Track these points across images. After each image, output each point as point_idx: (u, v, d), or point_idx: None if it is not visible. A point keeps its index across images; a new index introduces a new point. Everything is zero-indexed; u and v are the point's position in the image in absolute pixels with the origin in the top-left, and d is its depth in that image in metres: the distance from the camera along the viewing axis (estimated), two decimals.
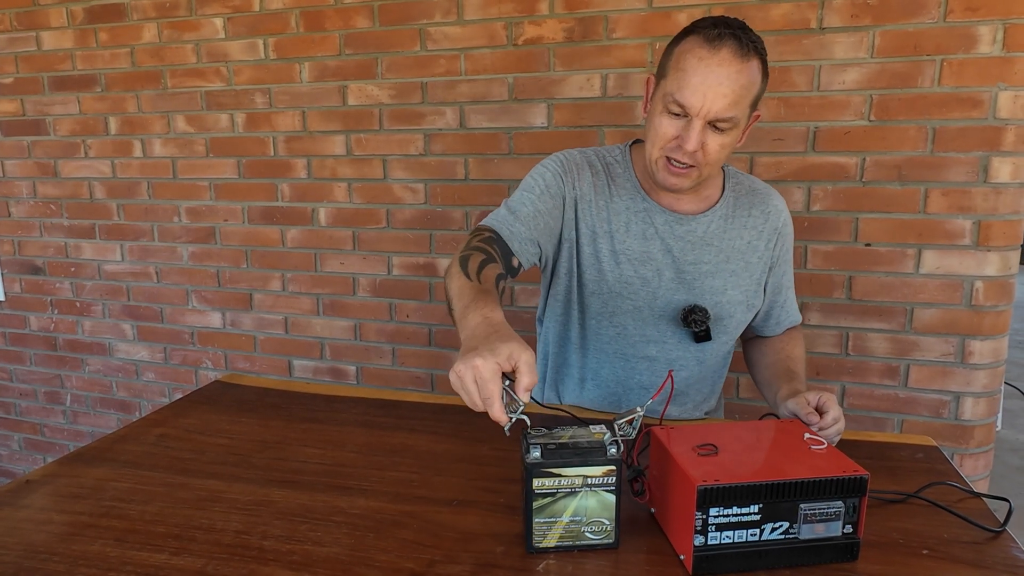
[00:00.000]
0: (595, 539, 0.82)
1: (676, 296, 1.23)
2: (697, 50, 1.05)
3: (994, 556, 0.80)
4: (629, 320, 1.25)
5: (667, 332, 1.25)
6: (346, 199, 2.15)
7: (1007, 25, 1.53)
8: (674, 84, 1.07)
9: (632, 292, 1.23)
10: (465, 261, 1.04)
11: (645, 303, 1.24)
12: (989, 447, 1.76)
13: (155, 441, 1.14)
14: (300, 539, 0.85)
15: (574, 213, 1.23)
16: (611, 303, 1.24)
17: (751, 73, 1.06)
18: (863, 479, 0.77)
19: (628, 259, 1.23)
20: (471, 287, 0.97)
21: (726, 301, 1.25)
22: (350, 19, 2.02)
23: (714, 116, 1.06)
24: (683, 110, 1.07)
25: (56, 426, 2.70)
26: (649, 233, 1.23)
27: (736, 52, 1.04)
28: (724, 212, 1.25)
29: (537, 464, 0.79)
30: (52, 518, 0.91)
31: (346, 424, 1.21)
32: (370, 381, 2.26)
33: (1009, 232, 1.64)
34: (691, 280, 1.23)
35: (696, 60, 1.05)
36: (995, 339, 1.69)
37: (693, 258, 1.23)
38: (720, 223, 1.24)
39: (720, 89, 1.04)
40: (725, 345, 1.31)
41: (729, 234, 1.24)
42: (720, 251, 1.24)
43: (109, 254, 2.46)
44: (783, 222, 1.29)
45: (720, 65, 1.04)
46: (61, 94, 2.37)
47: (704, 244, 1.23)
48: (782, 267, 1.31)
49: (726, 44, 1.04)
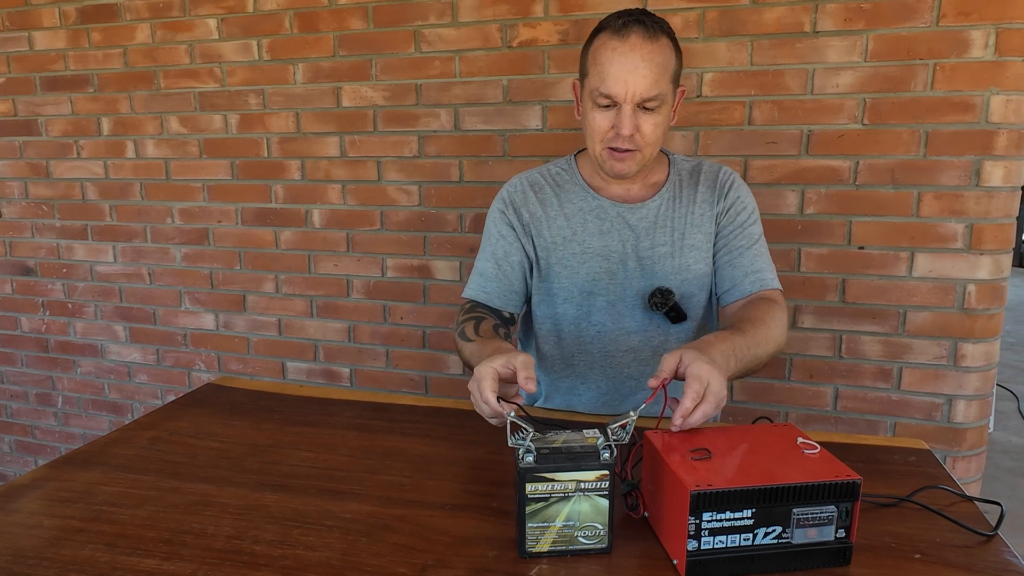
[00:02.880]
0: (588, 544, 0.81)
1: (643, 283, 1.26)
2: (609, 43, 1.12)
3: (986, 560, 0.81)
4: (606, 317, 1.28)
5: (644, 321, 1.28)
6: (340, 201, 2.14)
7: (999, 30, 1.54)
8: (596, 79, 1.14)
9: (602, 288, 1.27)
10: (463, 333, 1.20)
11: (617, 296, 1.27)
12: (981, 450, 1.77)
13: (146, 444, 1.14)
14: (292, 544, 0.85)
15: (530, 237, 1.29)
16: (585, 304, 1.28)
17: (663, 51, 1.13)
18: (856, 483, 0.77)
19: (592, 256, 1.27)
20: (476, 345, 1.14)
21: (692, 277, 1.26)
22: (344, 20, 2.01)
23: (640, 97, 1.12)
24: (611, 100, 1.13)
25: (47, 428, 2.69)
26: (605, 227, 1.27)
27: (644, 35, 1.11)
28: (672, 193, 1.28)
29: (530, 469, 0.79)
30: (41, 522, 0.91)
31: (339, 427, 1.20)
32: (364, 383, 2.25)
33: (1001, 236, 1.65)
34: (652, 264, 1.26)
35: (610, 52, 1.12)
36: (987, 342, 1.70)
37: (650, 243, 1.26)
38: (669, 203, 1.28)
39: (639, 72, 1.11)
40: (707, 320, 1.32)
41: (680, 211, 1.27)
42: (675, 230, 1.27)
43: (101, 255, 2.45)
44: (729, 183, 1.28)
45: (632, 50, 1.11)
46: (53, 94, 2.36)
47: (658, 227, 1.27)
48: (731, 224, 1.26)
49: (633, 31, 1.11)
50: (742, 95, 1.74)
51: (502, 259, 1.30)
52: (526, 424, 0.81)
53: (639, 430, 0.88)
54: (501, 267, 1.30)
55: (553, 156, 1.90)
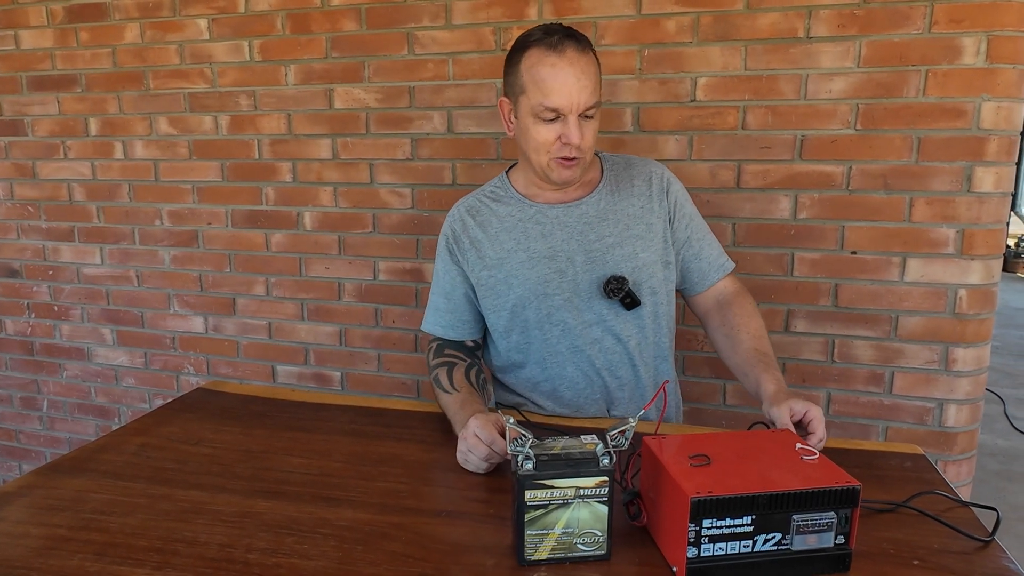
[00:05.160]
0: (587, 551, 0.81)
1: (594, 275, 1.29)
2: (546, 59, 1.17)
3: (984, 566, 0.81)
4: (566, 314, 1.30)
5: (602, 311, 1.30)
6: (332, 203, 2.13)
7: (990, 37, 1.55)
8: (538, 95, 1.18)
9: (555, 287, 1.30)
10: (438, 380, 1.28)
11: (571, 292, 1.30)
12: (972, 453, 1.78)
13: (136, 451, 1.12)
14: (286, 552, 0.84)
15: (476, 255, 1.33)
16: (543, 305, 1.30)
17: (593, 63, 1.20)
18: (855, 490, 0.77)
19: (539, 259, 1.30)
20: (452, 400, 1.21)
21: (641, 264, 1.30)
22: (337, 22, 2.00)
23: (583, 107, 1.18)
24: (556, 112, 1.18)
25: (32, 432, 2.65)
26: (547, 230, 1.31)
27: (577, 49, 1.18)
28: (608, 188, 1.34)
29: (529, 475, 0.78)
30: (29, 531, 0.89)
31: (332, 433, 1.19)
32: (355, 387, 2.23)
33: (992, 241, 1.66)
34: (600, 255, 1.29)
35: (550, 67, 1.17)
36: (978, 347, 1.71)
37: (595, 235, 1.30)
38: (608, 198, 1.33)
39: (579, 83, 1.17)
40: (661, 307, 1.34)
41: (619, 205, 1.32)
42: (618, 222, 1.31)
43: (88, 257, 2.42)
44: (666, 179, 1.36)
45: (571, 64, 1.16)
46: (40, 94, 2.33)
47: (600, 220, 1.31)
48: (682, 221, 1.35)
49: (567, 45, 1.17)
50: (736, 100, 1.74)
51: (450, 293, 1.37)
52: (525, 431, 0.80)
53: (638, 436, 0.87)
54: (451, 300, 1.37)
55: None
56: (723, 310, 1.35)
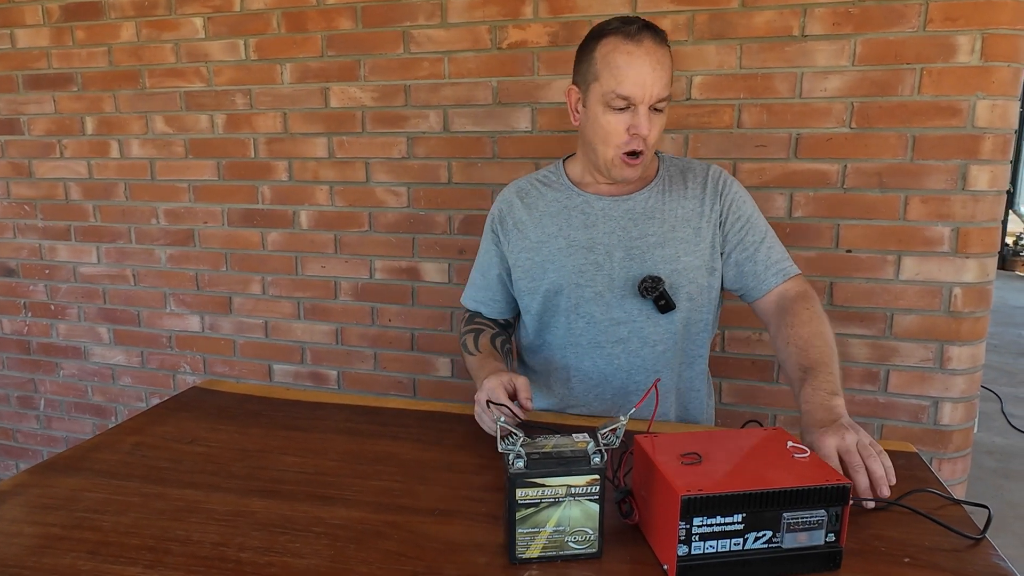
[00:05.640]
0: (578, 549, 0.81)
1: (631, 272, 1.27)
2: (622, 46, 1.16)
3: (975, 564, 0.81)
4: (594, 307, 1.29)
5: (633, 311, 1.28)
6: (328, 202, 2.13)
7: (985, 35, 1.55)
8: (612, 82, 1.17)
9: (589, 279, 1.29)
10: (465, 345, 1.35)
11: (604, 287, 1.28)
12: (967, 451, 1.78)
13: (130, 449, 1.12)
14: (279, 551, 0.84)
15: (518, 237, 1.34)
16: (574, 295, 1.29)
17: (669, 57, 1.20)
18: (845, 488, 0.77)
19: (578, 248, 1.29)
20: (475, 360, 1.29)
21: (681, 268, 1.27)
22: (333, 20, 2.00)
23: (655, 99, 1.17)
24: (627, 102, 1.17)
25: (29, 431, 2.65)
26: (590, 220, 1.30)
27: (655, 41, 1.17)
28: (660, 187, 1.31)
29: (520, 474, 0.78)
30: (22, 530, 0.89)
31: (328, 432, 1.19)
32: (352, 386, 2.23)
33: (987, 239, 1.66)
34: (641, 254, 1.27)
35: (626, 55, 1.16)
36: (973, 345, 1.71)
37: (638, 232, 1.28)
38: (658, 196, 1.30)
39: (655, 74, 1.16)
40: (696, 313, 1.30)
41: (669, 205, 1.30)
42: (663, 222, 1.28)
43: (85, 256, 2.42)
44: (723, 180, 1.32)
45: (648, 54, 1.16)
46: (36, 93, 2.33)
47: (646, 218, 1.29)
48: (736, 223, 1.29)
49: (645, 36, 1.17)
50: (731, 98, 1.74)
51: (486, 272, 1.41)
52: (516, 429, 0.80)
53: (629, 434, 0.87)
54: (486, 279, 1.41)
55: (543, 158, 1.89)
56: (779, 318, 1.25)
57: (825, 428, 0.96)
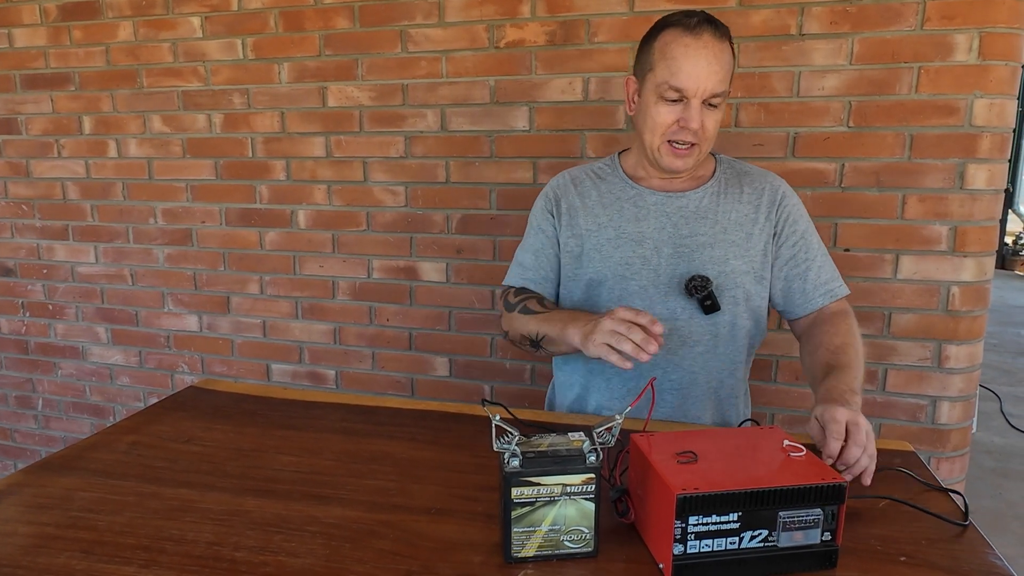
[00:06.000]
0: (574, 548, 0.81)
1: (678, 270, 1.26)
2: (681, 39, 1.16)
3: (970, 562, 0.81)
4: (637, 301, 1.27)
5: (676, 309, 1.27)
6: (325, 201, 2.13)
7: (982, 34, 1.55)
8: (666, 72, 1.17)
9: (635, 272, 1.28)
10: (527, 308, 1.29)
11: (649, 282, 1.27)
12: (965, 451, 1.78)
13: (126, 449, 1.12)
14: (274, 550, 0.83)
15: (568, 226, 1.33)
16: (618, 288, 1.28)
17: (728, 52, 1.19)
18: (841, 486, 0.77)
19: (626, 240, 1.28)
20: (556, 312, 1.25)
21: (729, 271, 1.26)
22: (330, 19, 2.00)
23: (709, 93, 1.16)
24: (680, 94, 1.17)
25: (27, 431, 2.64)
26: (642, 214, 1.29)
27: (715, 35, 1.16)
28: (716, 189, 1.30)
29: (515, 473, 0.78)
30: (17, 529, 0.89)
31: (324, 431, 1.19)
32: (349, 385, 2.23)
33: (984, 238, 1.66)
34: (690, 252, 1.26)
35: (683, 47, 1.15)
36: (971, 344, 1.71)
37: (689, 231, 1.27)
38: (712, 198, 1.29)
39: (710, 68, 1.15)
40: (741, 319, 1.28)
41: (723, 207, 1.28)
42: (716, 223, 1.27)
43: (83, 256, 2.42)
44: (781, 194, 1.31)
45: (705, 47, 1.15)
46: (33, 92, 2.33)
47: (699, 217, 1.28)
48: (790, 238, 1.29)
49: (705, 30, 1.16)
50: (729, 97, 1.74)
51: (539, 251, 1.37)
52: (511, 428, 0.80)
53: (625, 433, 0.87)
54: (539, 258, 1.37)
55: (540, 157, 1.89)
56: (813, 327, 1.27)
57: (842, 405, 0.98)
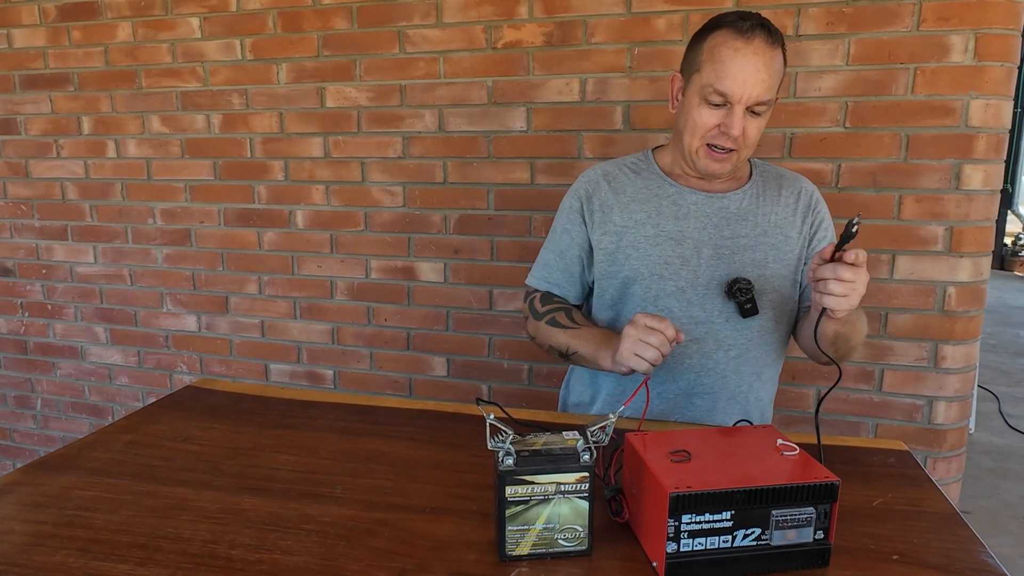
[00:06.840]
0: (568, 546, 0.81)
1: (717, 272, 1.24)
2: (731, 42, 1.12)
3: (963, 561, 0.81)
4: (673, 302, 1.25)
5: (713, 311, 1.25)
6: (324, 202, 2.13)
7: (978, 35, 1.56)
8: (712, 75, 1.14)
9: (672, 272, 1.25)
10: (555, 321, 1.27)
11: (687, 283, 1.25)
12: (961, 450, 1.79)
13: (123, 448, 1.12)
14: (269, 548, 0.84)
15: (601, 224, 1.29)
16: (654, 287, 1.25)
17: (779, 60, 1.15)
18: (834, 485, 0.77)
19: (665, 239, 1.25)
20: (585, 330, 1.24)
21: (769, 274, 1.25)
22: (328, 20, 2.00)
23: (754, 101, 1.13)
24: (724, 99, 1.14)
25: (26, 431, 2.65)
26: (682, 213, 1.26)
27: (767, 41, 1.12)
28: (754, 191, 1.28)
29: (510, 471, 0.78)
30: (13, 528, 0.89)
31: (321, 430, 1.19)
32: (347, 385, 2.24)
33: (980, 238, 1.67)
34: (730, 254, 1.24)
35: (732, 51, 1.12)
36: (967, 344, 1.71)
37: (730, 232, 1.25)
38: (752, 200, 1.27)
39: (758, 75, 1.12)
40: (774, 323, 1.28)
41: (762, 209, 1.27)
42: (756, 225, 1.26)
43: (81, 256, 2.42)
44: (815, 200, 1.30)
45: (755, 54, 1.11)
46: (32, 93, 2.33)
47: (739, 219, 1.26)
48: (823, 241, 1.29)
49: (757, 35, 1.12)
50: None
51: (564, 252, 1.34)
52: (506, 427, 0.81)
53: (619, 432, 0.88)
54: (563, 259, 1.34)
55: (538, 157, 1.90)
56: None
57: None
